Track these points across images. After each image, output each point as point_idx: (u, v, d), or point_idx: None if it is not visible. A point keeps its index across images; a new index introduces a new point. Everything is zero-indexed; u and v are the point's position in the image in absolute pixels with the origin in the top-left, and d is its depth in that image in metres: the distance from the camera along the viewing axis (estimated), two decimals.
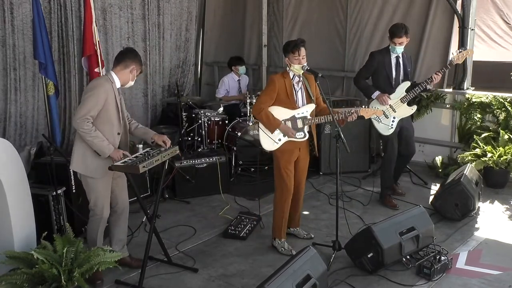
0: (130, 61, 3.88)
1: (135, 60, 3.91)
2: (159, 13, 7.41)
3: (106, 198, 3.93)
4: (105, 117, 3.80)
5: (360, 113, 4.18)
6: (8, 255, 3.57)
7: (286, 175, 4.27)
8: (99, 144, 3.73)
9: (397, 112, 5.16)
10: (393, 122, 5.17)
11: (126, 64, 3.88)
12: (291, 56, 4.14)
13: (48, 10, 5.97)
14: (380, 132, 5.24)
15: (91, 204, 3.92)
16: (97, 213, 3.92)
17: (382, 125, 5.18)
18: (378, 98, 5.14)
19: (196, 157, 5.81)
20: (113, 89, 3.83)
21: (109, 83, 3.81)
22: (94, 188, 3.86)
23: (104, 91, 3.76)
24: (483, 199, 5.34)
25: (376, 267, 3.95)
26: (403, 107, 5.17)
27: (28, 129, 6.03)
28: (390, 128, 5.18)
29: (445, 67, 5.20)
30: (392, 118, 5.17)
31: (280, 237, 4.44)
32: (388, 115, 5.15)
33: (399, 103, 5.14)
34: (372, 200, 5.54)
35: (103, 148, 3.74)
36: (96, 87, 3.77)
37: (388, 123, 5.17)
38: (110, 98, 3.80)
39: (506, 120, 5.95)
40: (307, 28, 7.69)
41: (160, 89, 7.70)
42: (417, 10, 6.62)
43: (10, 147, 3.85)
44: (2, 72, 5.76)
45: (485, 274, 3.99)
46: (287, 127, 4.19)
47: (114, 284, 3.94)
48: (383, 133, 5.22)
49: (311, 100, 4.29)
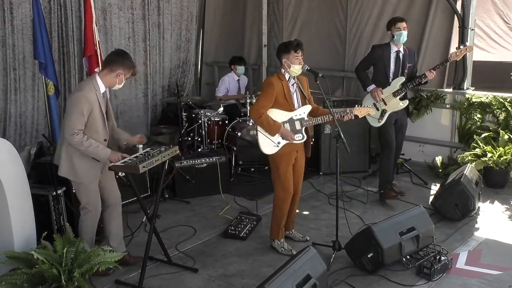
0: (117, 66, 3.80)
1: (123, 65, 3.81)
2: (159, 13, 7.41)
3: (96, 195, 3.97)
4: (91, 126, 3.78)
5: (354, 112, 4.22)
6: (8, 255, 3.57)
7: (286, 178, 4.25)
8: (94, 151, 3.74)
9: (387, 106, 5.28)
10: (382, 115, 5.29)
11: (112, 69, 3.80)
12: (291, 56, 4.13)
13: (48, 10, 5.97)
14: (370, 123, 5.45)
15: (84, 203, 3.96)
16: (91, 209, 3.95)
17: (371, 118, 5.33)
18: (371, 92, 5.30)
19: (196, 157, 5.81)
20: (97, 97, 3.77)
21: (93, 92, 3.75)
22: (85, 190, 3.92)
23: (88, 103, 3.71)
24: (483, 199, 5.34)
25: (376, 267, 3.95)
26: (394, 101, 5.28)
27: (28, 129, 6.03)
28: (380, 121, 5.31)
29: (440, 64, 5.23)
30: (382, 111, 5.29)
31: (279, 237, 4.44)
32: (378, 108, 5.30)
33: (391, 97, 5.26)
34: (372, 200, 5.55)
35: (99, 154, 3.76)
36: (79, 100, 3.70)
37: (376, 116, 5.31)
38: (95, 107, 3.76)
39: (506, 120, 5.95)
40: (307, 28, 7.69)
41: (160, 89, 7.70)
42: (417, 10, 6.62)
43: (10, 147, 3.85)
44: (2, 72, 5.75)
45: (485, 274, 3.99)
46: (287, 131, 4.18)
47: (114, 284, 3.94)
48: (372, 124, 5.44)
49: (306, 101, 4.29)
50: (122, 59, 3.83)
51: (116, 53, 3.94)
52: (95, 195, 3.95)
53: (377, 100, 5.26)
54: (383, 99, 5.25)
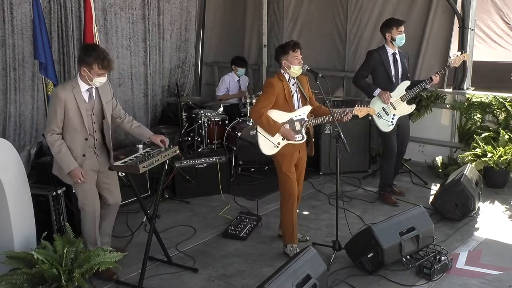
0: (80, 63, 3.75)
1: (84, 60, 3.69)
2: (159, 13, 7.40)
3: (93, 193, 3.98)
4: (68, 125, 3.79)
5: (355, 112, 4.20)
6: (8, 255, 3.58)
7: (289, 178, 4.25)
8: (60, 159, 3.77)
9: (397, 110, 5.20)
10: (393, 119, 5.21)
11: (79, 66, 3.78)
12: (290, 56, 4.12)
13: (48, 10, 5.96)
14: (380, 129, 5.26)
15: (80, 203, 3.98)
16: (88, 209, 3.96)
17: (383, 121, 5.20)
18: (380, 96, 5.17)
19: (196, 157, 5.81)
20: (73, 95, 3.74)
21: (68, 90, 3.73)
22: (80, 190, 3.94)
23: (59, 101, 3.70)
24: (483, 199, 5.34)
25: (376, 267, 3.95)
26: (403, 105, 5.22)
27: (28, 129, 6.03)
28: (391, 125, 5.22)
29: (444, 68, 5.24)
30: (392, 115, 5.20)
31: (293, 242, 4.35)
32: (388, 112, 5.19)
33: (399, 101, 5.19)
34: (372, 199, 5.54)
35: (63, 165, 3.78)
36: (52, 97, 3.77)
37: (388, 119, 5.21)
38: (70, 105, 3.73)
39: (506, 120, 5.95)
40: (307, 28, 7.68)
41: (160, 89, 7.69)
42: (417, 10, 6.62)
43: (10, 147, 3.85)
44: (2, 72, 5.75)
45: (485, 274, 3.99)
46: (287, 130, 4.18)
47: (114, 284, 3.94)
48: (383, 129, 5.24)
49: (306, 101, 4.29)
50: (81, 55, 3.75)
51: (80, 48, 3.88)
52: (91, 194, 3.95)
53: (386, 102, 5.15)
54: (391, 103, 5.17)
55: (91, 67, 3.68)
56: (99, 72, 3.71)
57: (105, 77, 3.79)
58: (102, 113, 3.95)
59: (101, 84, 3.83)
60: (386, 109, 5.18)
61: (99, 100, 3.92)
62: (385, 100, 5.15)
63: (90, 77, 3.72)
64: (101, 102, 3.93)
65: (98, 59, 3.67)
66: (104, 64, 3.70)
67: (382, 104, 5.17)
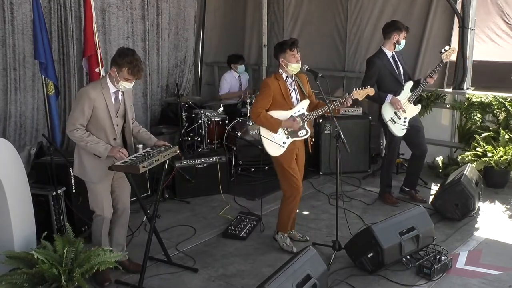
0: (112, 63, 3.77)
1: (116, 61, 3.72)
2: (158, 12, 7.39)
3: (106, 199, 3.94)
4: (97, 124, 3.78)
5: (354, 96, 4.18)
6: (8, 255, 3.58)
7: (292, 175, 4.26)
8: (94, 147, 3.73)
9: (407, 112, 5.19)
10: (405, 122, 5.21)
11: (110, 67, 3.79)
12: (288, 55, 4.13)
13: (48, 10, 5.97)
14: (394, 134, 5.21)
15: (91, 205, 3.94)
16: (98, 213, 3.94)
17: (397, 125, 5.19)
18: (392, 103, 5.13)
19: (196, 157, 5.81)
20: (103, 95, 3.75)
21: (98, 90, 3.74)
22: (93, 191, 3.90)
23: (89, 99, 3.70)
24: (483, 199, 5.34)
25: (376, 267, 3.95)
26: (411, 107, 5.22)
27: (28, 129, 6.03)
28: (404, 128, 5.21)
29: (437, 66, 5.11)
30: (404, 118, 5.20)
31: (284, 231, 4.44)
32: (400, 116, 5.18)
33: (407, 103, 5.18)
34: (372, 199, 5.54)
35: (99, 150, 3.74)
36: (81, 96, 3.75)
37: (401, 123, 5.20)
38: (99, 104, 3.74)
39: (506, 120, 5.95)
40: (307, 28, 7.68)
41: (159, 89, 7.69)
42: (417, 10, 6.62)
43: (10, 147, 3.85)
44: (2, 72, 5.76)
45: (485, 274, 3.99)
46: (289, 121, 4.16)
47: (114, 284, 3.94)
48: (398, 134, 5.21)
49: (305, 96, 4.29)
50: (115, 56, 3.76)
51: (116, 51, 3.88)
52: (103, 198, 3.91)
53: (397, 108, 5.11)
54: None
55: (121, 69, 3.69)
56: (127, 77, 3.71)
57: (131, 84, 3.79)
58: (125, 117, 3.96)
59: (126, 89, 3.85)
60: (397, 113, 5.17)
61: (123, 103, 3.94)
62: (396, 107, 5.12)
63: (117, 79, 3.73)
64: (125, 105, 3.94)
65: (130, 64, 3.68)
66: (134, 71, 3.70)
67: (393, 109, 5.15)
